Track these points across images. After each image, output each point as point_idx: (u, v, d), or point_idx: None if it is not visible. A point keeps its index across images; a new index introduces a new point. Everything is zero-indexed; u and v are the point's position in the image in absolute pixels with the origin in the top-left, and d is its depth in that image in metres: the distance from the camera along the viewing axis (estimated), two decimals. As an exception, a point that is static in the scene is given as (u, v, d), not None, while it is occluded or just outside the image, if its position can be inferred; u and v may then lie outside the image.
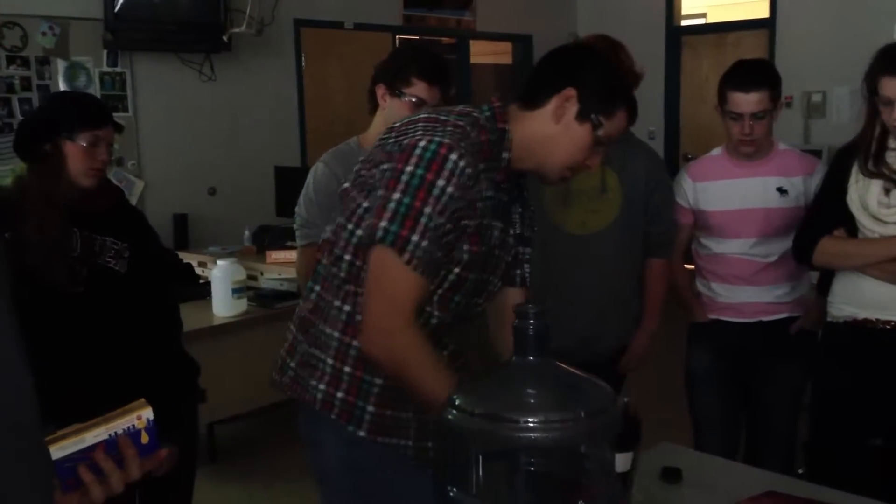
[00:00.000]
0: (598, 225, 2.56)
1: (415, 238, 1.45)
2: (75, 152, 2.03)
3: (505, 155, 1.60)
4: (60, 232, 2.02)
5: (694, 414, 2.81)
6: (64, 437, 1.08)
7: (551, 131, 1.60)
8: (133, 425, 1.14)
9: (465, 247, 1.56)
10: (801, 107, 6.44)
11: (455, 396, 1.18)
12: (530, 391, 1.19)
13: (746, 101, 2.49)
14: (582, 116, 1.58)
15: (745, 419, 2.79)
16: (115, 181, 4.15)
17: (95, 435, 1.12)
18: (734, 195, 2.62)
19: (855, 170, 2.27)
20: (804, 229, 2.41)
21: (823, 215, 2.36)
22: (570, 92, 1.58)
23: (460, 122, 1.54)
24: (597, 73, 1.62)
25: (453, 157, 1.47)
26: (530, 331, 1.21)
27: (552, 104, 1.59)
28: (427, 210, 1.46)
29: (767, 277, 2.64)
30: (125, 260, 2.12)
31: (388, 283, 1.49)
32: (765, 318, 2.66)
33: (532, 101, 1.62)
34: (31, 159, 2.07)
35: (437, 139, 1.49)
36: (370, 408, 1.63)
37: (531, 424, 1.13)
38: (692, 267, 2.83)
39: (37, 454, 0.82)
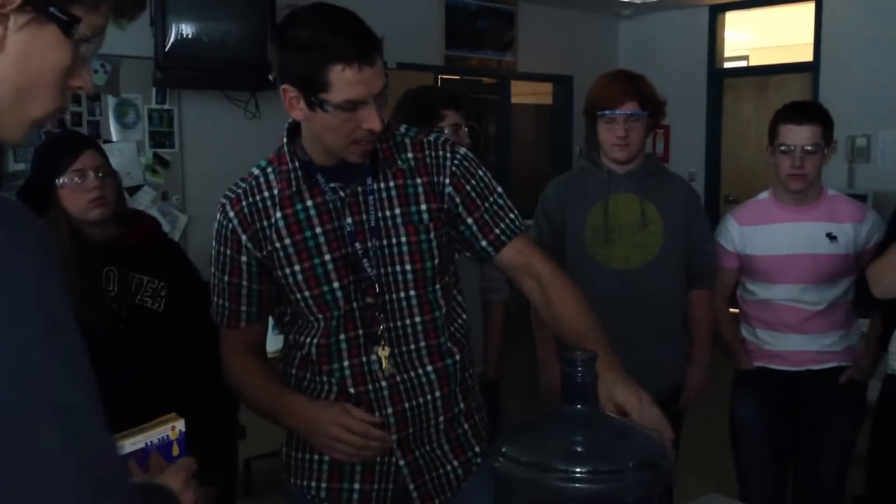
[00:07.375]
0: (641, 260, 2.53)
1: (214, 300, 1.74)
2: (66, 194, 2.01)
3: (289, 166, 1.63)
4: (91, 275, 2.02)
5: (740, 464, 2.74)
6: None
7: (308, 128, 1.61)
8: (167, 436, 1.17)
9: (296, 268, 1.63)
10: (844, 151, 6.35)
11: (503, 444, 1.16)
12: (578, 440, 1.17)
13: (800, 132, 2.48)
14: (311, 106, 1.52)
15: (792, 470, 2.72)
16: (158, 215, 4.21)
17: (133, 443, 1.14)
18: (782, 240, 2.58)
19: None
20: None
21: None
22: (286, 89, 1.53)
23: (251, 172, 1.70)
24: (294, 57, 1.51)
25: (218, 217, 1.69)
26: (578, 378, 1.19)
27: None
28: (214, 272, 1.72)
29: (816, 325, 2.58)
30: (162, 298, 2.13)
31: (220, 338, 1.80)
32: (813, 367, 2.60)
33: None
34: (42, 215, 2.07)
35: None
36: (285, 450, 1.79)
37: (578, 475, 1.10)
38: (737, 311, 2.78)
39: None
